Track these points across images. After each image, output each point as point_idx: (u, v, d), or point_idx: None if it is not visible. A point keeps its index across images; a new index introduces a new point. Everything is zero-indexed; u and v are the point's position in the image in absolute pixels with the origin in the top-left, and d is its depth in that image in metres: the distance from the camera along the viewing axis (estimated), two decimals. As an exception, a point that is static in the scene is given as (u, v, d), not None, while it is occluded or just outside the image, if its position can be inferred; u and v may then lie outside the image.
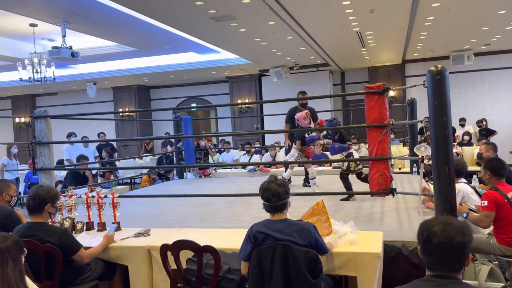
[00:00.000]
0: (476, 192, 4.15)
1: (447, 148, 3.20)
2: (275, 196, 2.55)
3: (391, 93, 12.85)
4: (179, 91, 15.83)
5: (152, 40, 9.47)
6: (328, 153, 9.57)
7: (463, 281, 1.71)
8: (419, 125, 8.91)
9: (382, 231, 3.35)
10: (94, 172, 9.54)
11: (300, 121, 5.47)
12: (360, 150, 8.84)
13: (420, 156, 3.80)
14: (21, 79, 8.86)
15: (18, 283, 1.85)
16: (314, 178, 5.59)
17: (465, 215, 3.70)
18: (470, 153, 8.99)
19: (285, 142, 6.26)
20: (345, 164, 5.03)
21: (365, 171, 4.85)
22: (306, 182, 6.17)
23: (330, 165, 8.23)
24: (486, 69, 12.74)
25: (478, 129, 11.84)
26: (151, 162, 11.96)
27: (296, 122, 5.56)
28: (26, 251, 1.99)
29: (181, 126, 7.52)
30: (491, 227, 3.66)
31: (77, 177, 7.20)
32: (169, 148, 10.75)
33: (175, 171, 8.52)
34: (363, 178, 4.94)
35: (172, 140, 10.86)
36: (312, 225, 2.62)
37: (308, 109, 5.75)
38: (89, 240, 3.47)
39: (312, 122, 5.54)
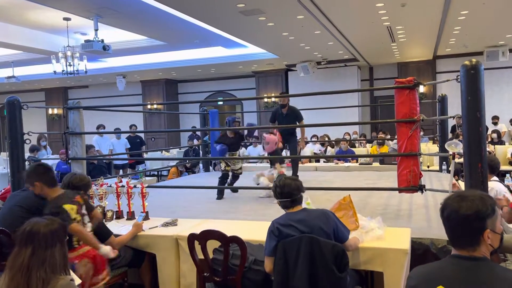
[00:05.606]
0: (510, 191, 4.02)
1: (480, 144, 3.12)
2: (295, 190, 2.68)
3: (421, 89, 12.56)
4: (206, 85, 15.95)
5: (181, 34, 9.57)
6: (353, 149, 9.50)
7: (492, 262, 1.54)
8: (451, 123, 8.70)
9: (409, 227, 3.30)
10: (123, 162, 9.77)
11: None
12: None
13: (451, 153, 3.71)
14: (54, 72, 9.13)
15: (61, 265, 1.88)
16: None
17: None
18: (502, 151, 8.73)
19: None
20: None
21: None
22: None
23: (357, 161, 8.16)
24: (522, 65, 12.30)
25: (512, 127, 11.48)
26: (178, 155, 12.14)
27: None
28: (67, 236, 2.05)
29: (208, 120, 7.60)
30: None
31: (97, 168, 7.40)
32: (195, 142, 10.87)
33: (201, 165, 8.61)
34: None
35: (199, 133, 10.97)
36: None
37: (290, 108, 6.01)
38: (119, 228, 3.56)
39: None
